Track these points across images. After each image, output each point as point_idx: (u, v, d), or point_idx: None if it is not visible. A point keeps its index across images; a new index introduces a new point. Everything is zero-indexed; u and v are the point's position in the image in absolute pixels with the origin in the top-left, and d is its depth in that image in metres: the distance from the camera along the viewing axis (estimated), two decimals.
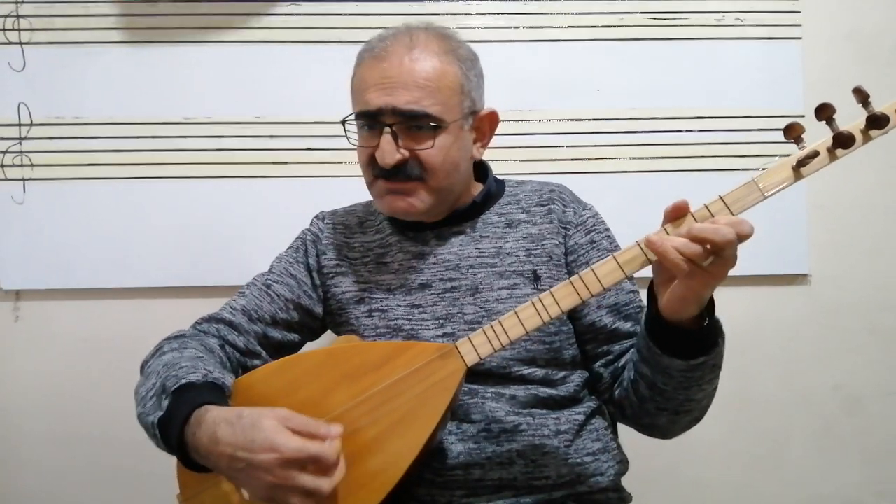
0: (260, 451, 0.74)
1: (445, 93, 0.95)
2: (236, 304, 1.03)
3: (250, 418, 0.77)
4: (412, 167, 0.95)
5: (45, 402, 1.46)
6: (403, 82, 0.93)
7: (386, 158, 0.93)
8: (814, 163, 0.77)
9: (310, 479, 0.74)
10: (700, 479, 1.51)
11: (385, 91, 0.93)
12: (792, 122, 0.77)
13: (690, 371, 0.84)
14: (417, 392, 0.84)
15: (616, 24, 1.48)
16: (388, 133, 0.93)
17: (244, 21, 1.46)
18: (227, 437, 0.76)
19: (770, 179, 0.78)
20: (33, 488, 1.46)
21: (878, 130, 0.76)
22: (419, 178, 0.96)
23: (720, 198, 0.78)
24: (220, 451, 0.76)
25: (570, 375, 0.99)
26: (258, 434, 0.75)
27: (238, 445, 0.75)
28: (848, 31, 1.51)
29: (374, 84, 0.94)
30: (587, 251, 1.02)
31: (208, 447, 0.77)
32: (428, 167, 0.95)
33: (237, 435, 0.76)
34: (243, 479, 0.77)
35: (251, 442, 0.75)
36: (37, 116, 1.44)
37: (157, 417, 0.83)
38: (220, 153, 1.45)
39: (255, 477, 0.75)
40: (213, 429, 0.77)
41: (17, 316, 1.46)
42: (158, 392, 0.85)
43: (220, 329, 1.00)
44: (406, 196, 0.97)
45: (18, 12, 1.44)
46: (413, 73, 0.93)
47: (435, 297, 0.99)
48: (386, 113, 0.93)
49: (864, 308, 1.52)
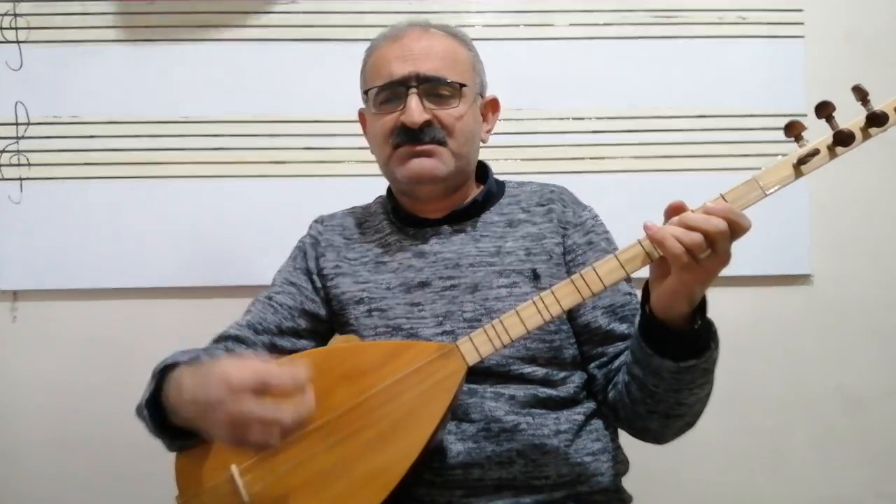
0: (213, 387, 0.74)
1: (462, 66, 1.02)
2: (241, 321, 1.04)
3: (210, 363, 0.77)
4: (436, 129, 0.99)
5: (44, 402, 1.46)
6: (424, 54, 0.99)
7: (415, 116, 0.96)
8: (814, 160, 0.77)
9: (263, 407, 0.71)
10: (700, 480, 1.51)
11: (407, 61, 0.98)
12: (792, 120, 0.78)
13: (681, 373, 0.83)
14: (418, 392, 0.84)
15: (617, 22, 1.48)
16: (415, 94, 0.97)
17: (243, 20, 1.46)
18: (188, 385, 0.79)
19: (771, 177, 0.78)
20: (32, 488, 1.46)
21: (877, 128, 0.77)
22: (441, 141, 0.99)
23: (721, 196, 0.79)
24: (183, 398, 0.78)
25: (571, 376, 0.99)
26: (212, 371, 0.75)
27: (196, 387, 0.77)
28: (850, 30, 1.51)
29: (395, 57, 0.99)
30: (584, 252, 1.02)
31: (176, 400, 0.80)
32: (449, 128, 0.99)
33: (196, 378, 0.78)
34: (207, 422, 0.76)
35: (206, 380, 0.75)
36: (34, 116, 1.44)
37: (145, 398, 0.86)
38: (220, 153, 1.45)
39: (214, 416, 0.74)
40: (178, 381, 0.80)
41: (14, 316, 1.46)
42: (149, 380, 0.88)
43: (227, 345, 1.00)
44: (431, 157, 0.99)
45: (16, 11, 1.44)
46: (432, 47, 1.00)
47: (434, 296, 0.99)
48: (410, 79, 0.98)
49: (866, 308, 1.51)
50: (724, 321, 0.86)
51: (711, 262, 0.75)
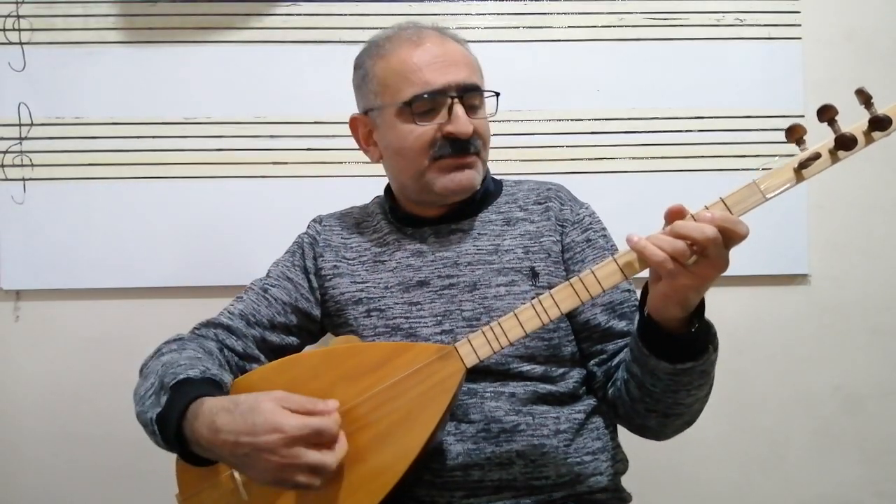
0: (263, 434, 0.75)
1: (479, 72, 1.02)
2: (234, 309, 1.03)
3: (247, 403, 0.77)
4: (477, 140, 0.99)
5: (45, 401, 1.46)
6: (454, 60, 0.97)
7: (468, 128, 0.96)
8: (815, 165, 0.76)
9: (315, 454, 0.75)
10: (700, 479, 1.51)
11: (441, 70, 0.96)
12: (794, 124, 0.76)
13: (677, 375, 0.84)
14: (417, 393, 0.84)
15: (616, 24, 1.49)
16: (460, 104, 0.96)
17: (244, 21, 1.46)
18: (227, 425, 0.77)
19: (771, 181, 0.77)
20: (33, 488, 1.46)
21: (880, 132, 0.75)
22: (479, 152, 0.99)
23: (721, 199, 0.78)
24: (223, 439, 0.77)
25: (570, 372, 0.99)
26: (258, 417, 0.75)
27: (240, 431, 0.76)
28: (848, 30, 1.51)
29: (427, 64, 0.96)
30: (583, 249, 1.02)
31: (209, 437, 0.78)
32: (484, 139, 1.01)
33: (237, 421, 0.76)
34: (248, 464, 0.77)
35: (253, 426, 0.75)
36: (37, 116, 1.44)
37: (156, 413, 0.83)
38: (220, 153, 1.45)
39: (261, 460, 0.75)
40: (211, 418, 0.78)
41: (17, 316, 1.47)
42: (157, 390, 0.85)
43: (218, 333, 1.00)
44: (471, 169, 0.99)
45: (19, 12, 1.44)
46: (457, 52, 0.99)
47: (433, 295, 0.99)
48: (450, 89, 0.96)
49: (864, 308, 1.52)
50: (722, 321, 0.86)
51: (704, 269, 0.74)
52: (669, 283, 0.76)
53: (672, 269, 0.74)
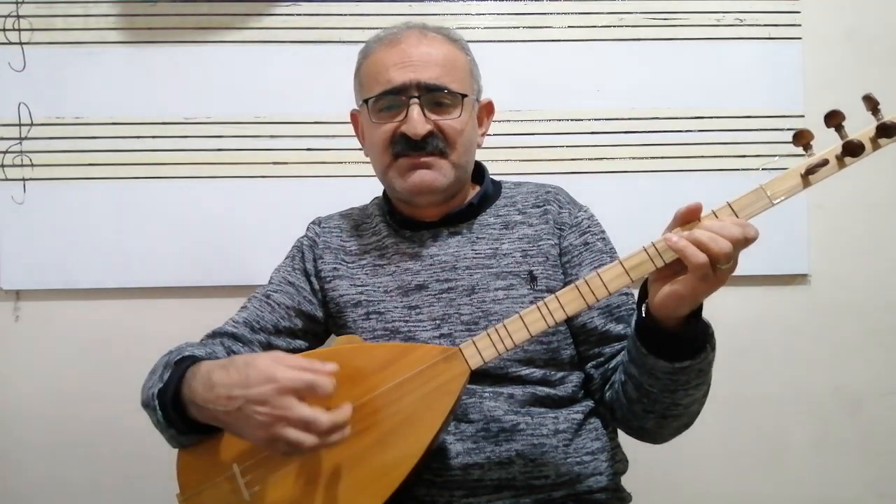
0: (256, 384, 0.75)
1: (460, 72, 1.01)
2: (238, 318, 1.04)
3: (243, 359, 0.79)
4: (436, 140, 0.98)
5: (46, 401, 1.46)
6: (424, 61, 0.97)
7: (418, 128, 0.96)
8: (822, 171, 0.77)
9: (308, 408, 0.74)
10: (700, 479, 1.51)
11: (407, 68, 0.96)
12: (801, 130, 0.77)
13: (675, 374, 0.84)
14: (421, 395, 0.84)
15: (616, 24, 1.49)
16: (417, 104, 0.96)
17: (244, 21, 1.46)
18: (221, 379, 0.78)
19: (778, 187, 0.78)
20: (33, 488, 1.46)
21: (887, 139, 0.75)
22: (441, 153, 0.98)
23: (728, 204, 0.78)
24: (216, 394, 0.78)
25: (569, 376, 0.99)
26: (252, 370, 0.76)
27: (233, 384, 0.77)
28: (848, 31, 1.51)
29: (393, 64, 0.97)
30: (581, 252, 1.02)
31: (204, 395, 0.79)
32: (450, 140, 0.99)
33: (231, 374, 0.77)
34: (240, 419, 0.77)
35: (246, 377, 0.76)
36: (37, 116, 1.44)
37: (158, 389, 0.84)
38: (220, 153, 1.45)
39: (252, 412, 0.75)
40: (206, 376, 0.79)
41: (17, 316, 1.47)
42: (161, 372, 0.87)
43: (224, 342, 1.00)
44: (431, 169, 0.99)
45: (19, 12, 1.44)
46: (430, 53, 0.98)
47: (432, 298, 0.99)
48: (410, 88, 0.96)
49: (864, 308, 1.51)
50: (723, 321, 0.86)
51: (727, 272, 0.76)
52: (691, 285, 0.76)
53: (708, 273, 0.74)
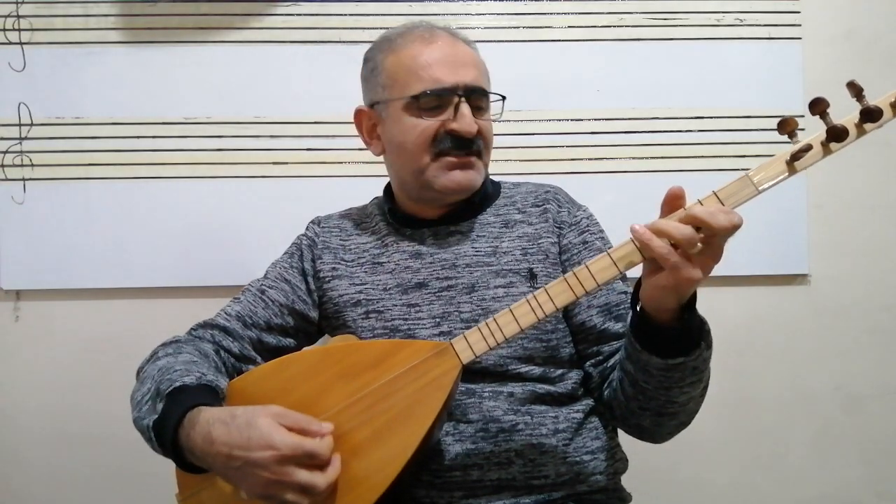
0: (257, 449, 0.75)
1: (486, 76, 1.04)
2: (231, 310, 1.04)
3: (244, 417, 0.78)
4: (479, 141, 1.00)
5: (45, 402, 1.46)
6: (464, 62, 0.99)
7: (472, 126, 0.97)
8: (807, 156, 0.76)
9: (306, 474, 0.76)
10: (700, 479, 1.51)
11: (452, 69, 0.98)
12: (786, 118, 0.76)
13: (669, 371, 0.83)
14: (412, 390, 0.84)
15: (616, 24, 1.49)
16: (465, 103, 0.97)
17: (244, 21, 1.46)
18: (222, 437, 0.77)
19: (764, 174, 0.77)
20: (33, 488, 1.46)
21: (872, 124, 0.75)
22: (480, 153, 1.01)
23: (714, 193, 0.77)
24: (216, 450, 0.77)
25: (568, 373, 0.99)
26: (254, 432, 0.76)
27: (234, 444, 0.76)
28: (848, 31, 1.51)
29: (436, 61, 0.98)
30: (579, 251, 1.02)
31: (203, 447, 0.78)
32: (487, 141, 1.02)
33: (232, 434, 0.77)
34: (239, 477, 0.78)
35: (247, 440, 0.76)
36: (37, 116, 1.44)
37: (153, 420, 0.83)
38: (220, 153, 1.45)
39: (252, 474, 0.76)
40: (207, 429, 0.78)
41: (17, 316, 1.47)
42: (153, 396, 0.86)
43: (214, 335, 1.00)
44: (471, 169, 1.00)
45: (19, 12, 1.44)
46: (467, 54, 1.01)
47: (431, 296, 1.00)
48: (458, 88, 0.97)
49: (864, 308, 1.52)
50: (722, 321, 0.85)
51: (705, 259, 0.75)
52: (672, 275, 0.75)
53: (676, 262, 0.74)
